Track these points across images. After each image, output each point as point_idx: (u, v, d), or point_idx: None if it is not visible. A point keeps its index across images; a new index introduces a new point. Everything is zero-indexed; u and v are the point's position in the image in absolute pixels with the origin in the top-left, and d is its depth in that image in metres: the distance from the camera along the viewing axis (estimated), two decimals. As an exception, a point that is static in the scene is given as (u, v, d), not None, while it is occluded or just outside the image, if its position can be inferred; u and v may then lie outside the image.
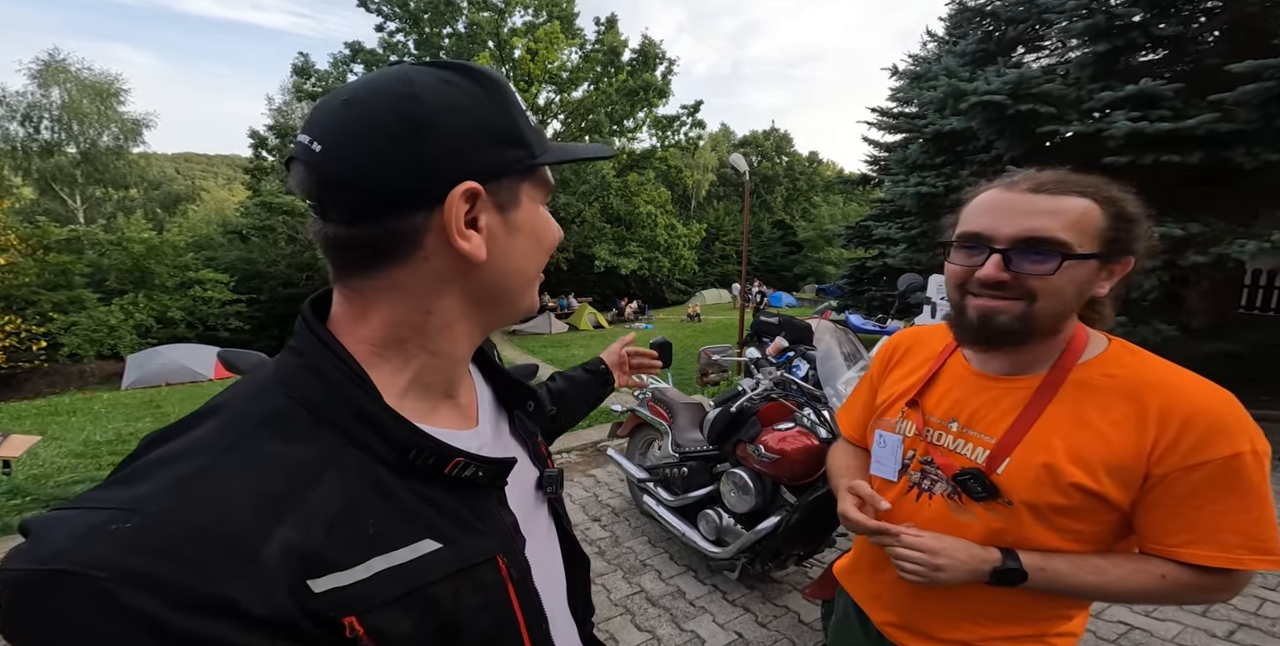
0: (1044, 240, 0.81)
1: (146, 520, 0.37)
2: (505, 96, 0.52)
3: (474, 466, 0.53)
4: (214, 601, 0.36)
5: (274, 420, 0.46)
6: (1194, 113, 4.64)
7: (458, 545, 0.50)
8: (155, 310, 19.28)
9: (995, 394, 0.93)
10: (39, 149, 25.14)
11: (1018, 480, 0.86)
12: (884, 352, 1.18)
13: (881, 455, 1.06)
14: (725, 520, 2.93)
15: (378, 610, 0.44)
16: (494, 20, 23.62)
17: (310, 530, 0.42)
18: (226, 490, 0.40)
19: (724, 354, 3.13)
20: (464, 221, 0.49)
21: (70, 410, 9.51)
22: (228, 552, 0.38)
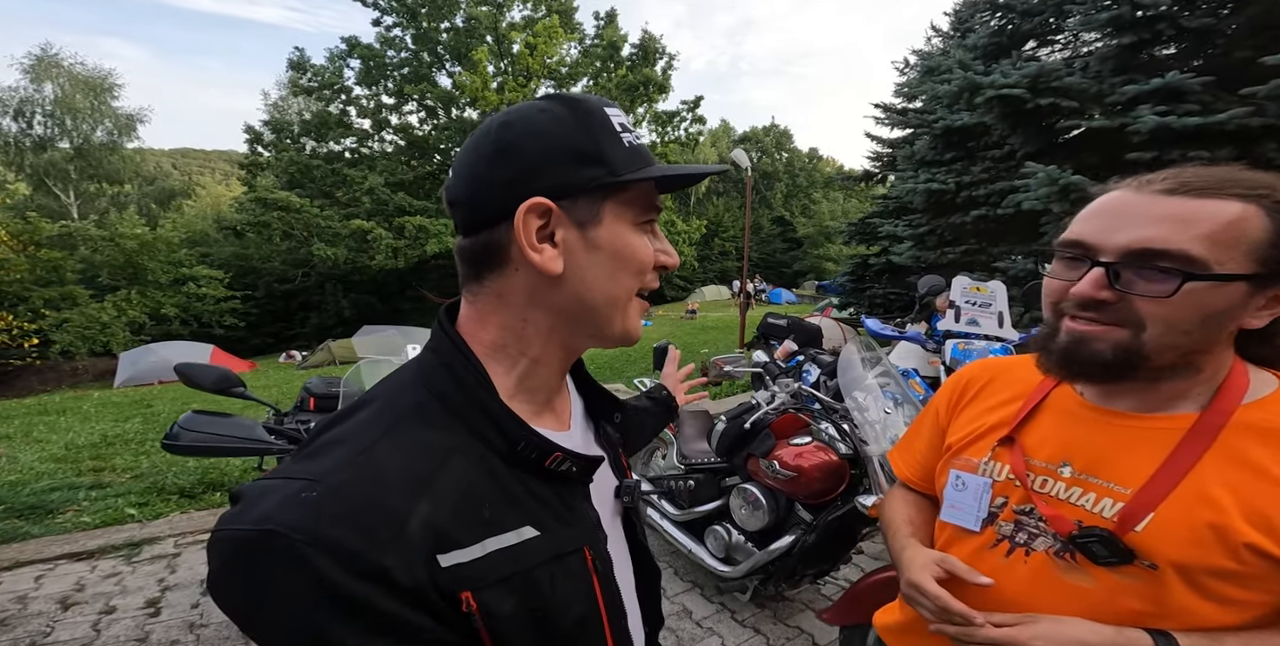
0: (1163, 253, 0.64)
1: (327, 491, 0.45)
2: (592, 120, 0.55)
3: (569, 462, 0.58)
4: (374, 569, 0.43)
5: (419, 409, 0.54)
6: (1223, 107, 4.45)
7: (553, 533, 0.55)
8: (148, 307, 19.14)
9: (1127, 435, 0.76)
10: (32, 144, 25.06)
11: (1167, 539, 0.69)
12: (954, 387, 1.01)
13: (959, 499, 0.88)
14: (735, 537, 2.77)
15: (488, 588, 0.49)
16: (492, 14, 23.52)
17: (442, 510, 0.48)
18: (385, 467, 0.48)
19: (735, 364, 2.95)
20: (535, 235, 0.53)
21: (59, 410, 9.35)
22: (387, 524, 0.45)
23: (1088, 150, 5.51)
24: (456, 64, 24.22)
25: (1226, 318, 0.67)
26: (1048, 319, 0.77)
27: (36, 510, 3.87)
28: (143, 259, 19.57)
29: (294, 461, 0.49)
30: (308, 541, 0.42)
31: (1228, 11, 5.00)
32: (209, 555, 0.45)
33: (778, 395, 2.73)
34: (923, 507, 1.01)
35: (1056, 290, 0.74)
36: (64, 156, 25.50)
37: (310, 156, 24.17)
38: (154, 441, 5.96)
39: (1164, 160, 4.63)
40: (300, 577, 0.41)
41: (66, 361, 17.27)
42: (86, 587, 3.03)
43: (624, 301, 0.59)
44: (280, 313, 26.38)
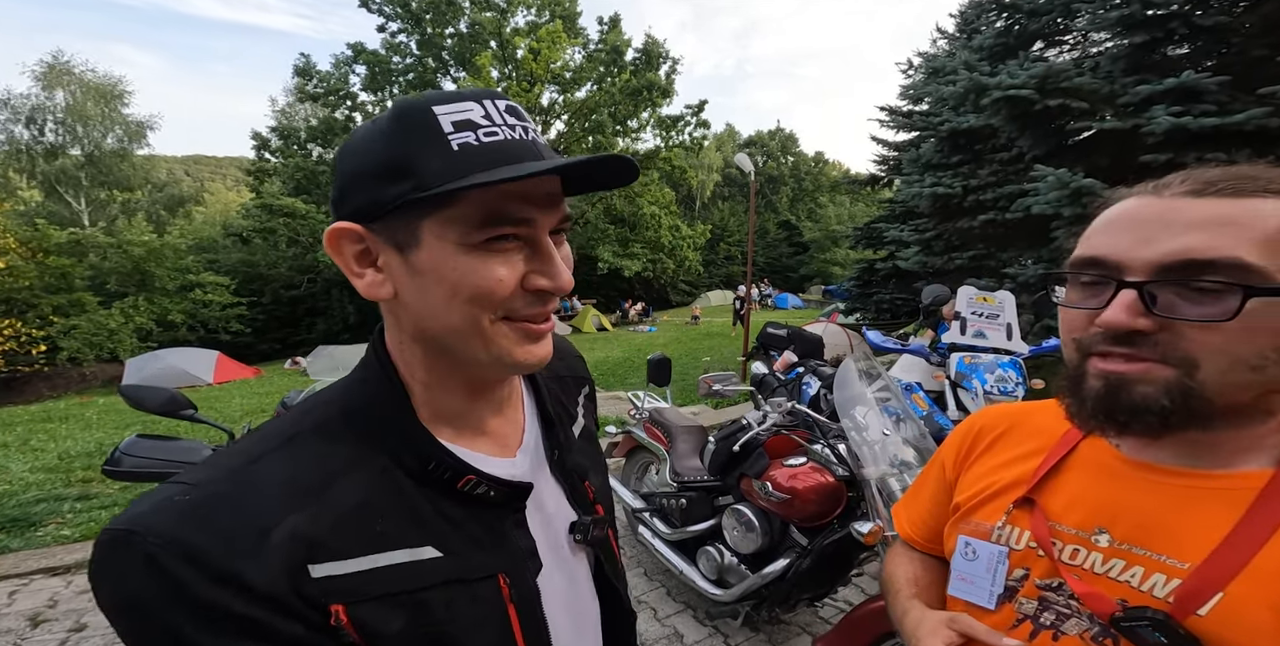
0: (1210, 264, 0.51)
1: (198, 496, 0.46)
2: (409, 124, 0.48)
3: (485, 485, 0.56)
4: (227, 574, 0.43)
5: (323, 424, 0.53)
6: (1241, 107, 4.30)
7: (460, 557, 0.53)
8: (155, 313, 19.26)
9: (1181, 496, 0.62)
10: (43, 151, 25.31)
11: (1242, 626, 0.55)
12: (963, 436, 0.86)
13: (969, 571, 0.74)
14: (728, 559, 2.66)
15: (365, 603, 0.48)
16: (496, 20, 23.63)
17: (320, 520, 0.47)
18: (263, 478, 0.48)
19: (725, 383, 2.83)
20: (353, 261, 0.51)
21: (63, 416, 9.38)
22: (246, 532, 0.45)
23: (1099, 152, 5.35)
24: (461, 69, 24.42)
25: None
26: (1070, 358, 0.63)
27: (19, 522, 3.82)
28: (150, 265, 19.73)
29: (195, 468, 0.49)
30: (161, 543, 0.42)
31: (1242, 9, 4.84)
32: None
33: (769, 415, 2.61)
34: (930, 567, 0.88)
35: (1077, 322, 0.61)
36: (75, 163, 25.74)
37: (316, 162, 24.36)
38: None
39: (1179, 162, 4.47)
40: (153, 579, 0.42)
41: (74, 367, 17.40)
42: (59, 604, 2.97)
43: (472, 331, 0.51)
44: (286, 318, 26.51)
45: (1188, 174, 0.57)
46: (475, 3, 23.88)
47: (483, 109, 0.49)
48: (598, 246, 24.71)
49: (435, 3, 23.27)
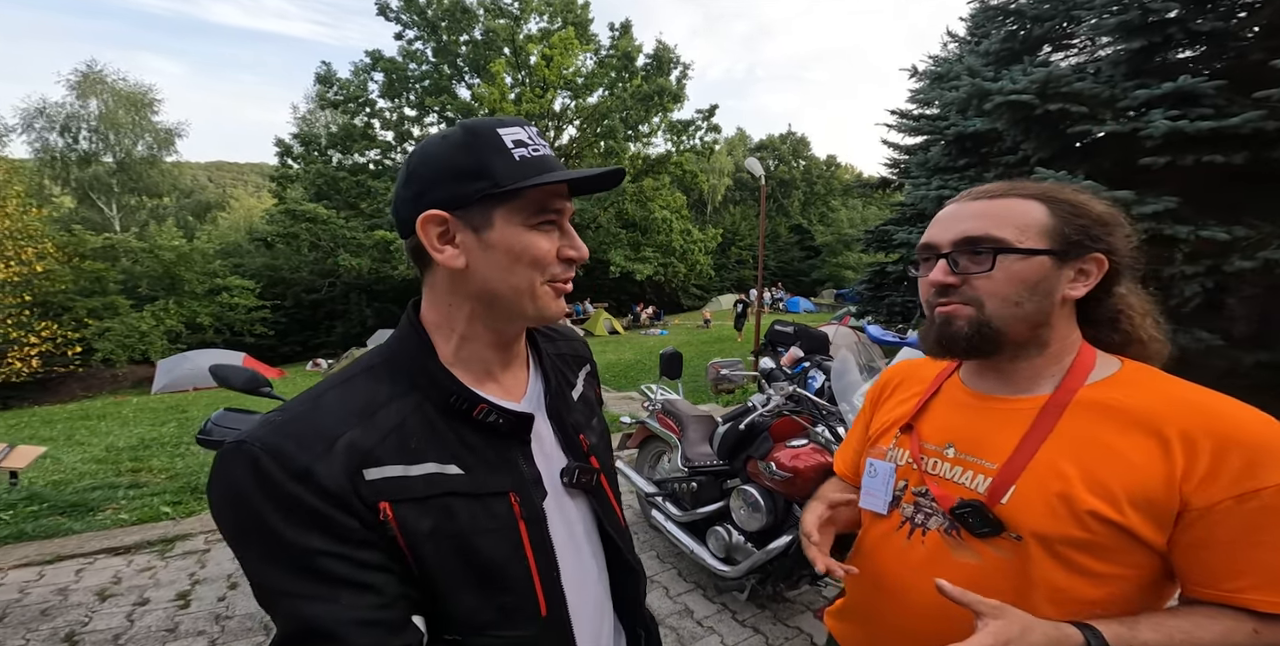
0: (978, 239, 0.80)
1: (287, 417, 0.62)
2: (480, 140, 0.66)
3: (496, 414, 0.70)
4: (302, 470, 0.57)
5: (370, 368, 0.70)
6: (1238, 110, 4.40)
7: (475, 475, 0.67)
8: (184, 316, 19.76)
9: (995, 416, 0.86)
10: (77, 159, 25.87)
11: (1026, 510, 0.77)
12: (877, 386, 1.13)
13: (872, 485, 0.96)
14: (735, 538, 2.82)
15: (405, 503, 0.61)
16: (509, 27, 23.84)
17: (370, 435, 0.62)
18: (330, 405, 0.64)
19: (733, 368, 3.02)
20: (436, 239, 0.67)
21: (100, 415, 9.74)
22: (318, 439, 0.60)
23: (1102, 155, 5.45)
24: (475, 76, 24.61)
25: (1045, 286, 0.79)
26: (926, 313, 0.89)
27: (78, 507, 4.09)
28: (180, 270, 20.24)
29: (283, 404, 0.67)
30: (261, 447, 0.57)
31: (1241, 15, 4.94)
32: None
33: (772, 398, 2.80)
34: (845, 490, 1.09)
35: (924, 287, 0.88)
36: (107, 170, 26.34)
37: (336, 168, 24.73)
38: (189, 444, 6.21)
39: (1178, 165, 4.57)
40: (250, 472, 0.57)
41: (107, 368, 17.93)
42: (123, 580, 3.21)
43: (528, 289, 0.69)
44: (308, 321, 27.01)
45: (978, 188, 0.87)
46: (489, 10, 24.13)
47: (525, 132, 0.68)
48: (610, 250, 24.77)
49: (450, 10, 23.53)
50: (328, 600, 0.56)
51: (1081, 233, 0.80)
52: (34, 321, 16.14)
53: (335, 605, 0.56)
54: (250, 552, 0.58)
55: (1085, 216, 0.81)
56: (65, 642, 2.77)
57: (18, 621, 2.96)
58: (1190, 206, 4.72)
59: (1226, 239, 4.55)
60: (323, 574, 0.57)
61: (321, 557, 0.57)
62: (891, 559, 0.89)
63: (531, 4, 24.66)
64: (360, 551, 0.58)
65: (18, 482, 4.24)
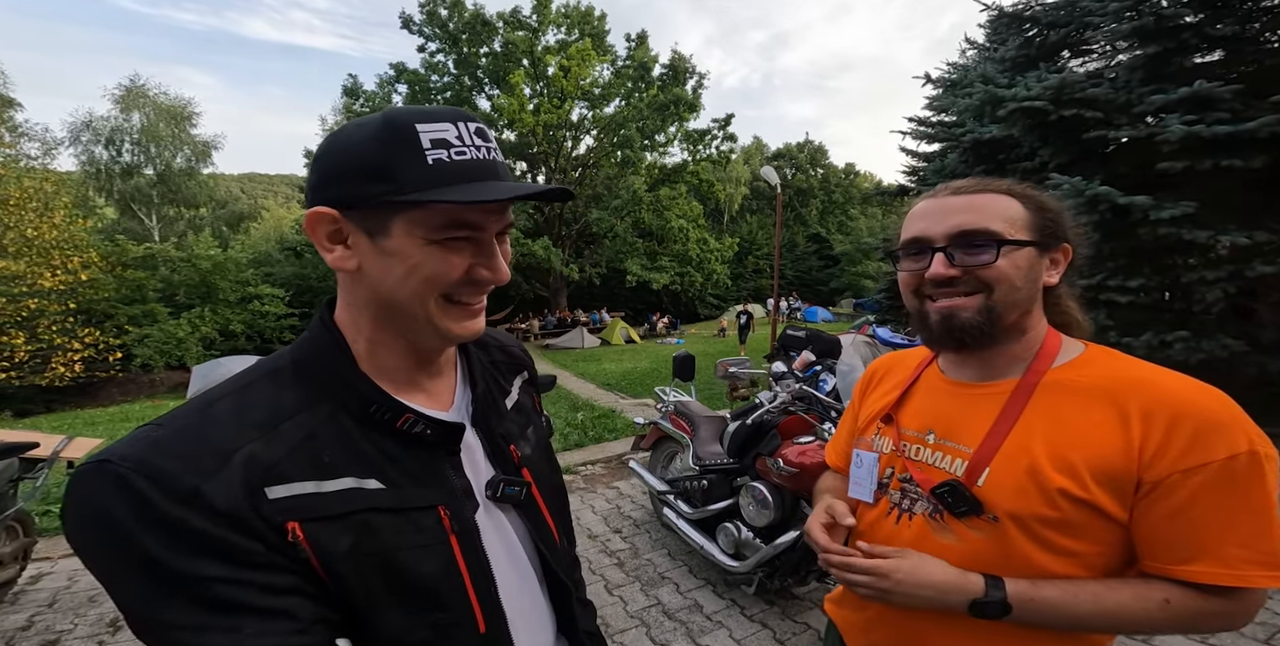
0: (976, 232, 0.83)
1: (165, 430, 0.54)
2: (395, 136, 0.58)
3: (422, 424, 0.64)
4: (188, 491, 0.50)
5: (274, 374, 0.62)
6: (1255, 115, 4.37)
7: (399, 489, 0.61)
8: (219, 323, 20.27)
9: (969, 401, 0.90)
10: (120, 171, 26.69)
11: (1000, 491, 0.80)
12: (863, 379, 1.16)
13: (858, 475, 1.01)
14: (744, 534, 2.89)
15: (317, 521, 0.55)
16: (528, 39, 24.11)
17: (274, 449, 0.56)
18: (224, 416, 0.56)
19: (741, 367, 3.10)
20: (325, 238, 0.61)
21: (140, 417, 10.12)
22: (208, 455, 0.52)
23: (1120, 161, 5.42)
24: (495, 87, 24.94)
25: (1034, 275, 0.84)
26: (911, 305, 0.93)
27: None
28: (215, 278, 20.79)
29: (162, 416, 0.58)
30: (131, 467, 0.49)
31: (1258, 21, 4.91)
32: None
33: (779, 395, 2.88)
34: (844, 480, 1.13)
35: (911, 281, 0.90)
36: (148, 182, 27.12)
37: (363, 179, 25.32)
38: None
39: (1196, 170, 4.54)
40: (121, 496, 0.49)
41: (145, 374, 18.45)
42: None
43: (418, 305, 0.62)
44: (335, 329, 27.48)
45: (944, 185, 0.91)
46: (508, 23, 24.48)
47: (456, 130, 0.59)
48: (626, 259, 24.75)
49: (471, 23, 23.89)
50: (227, 630, 0.49)
51: (1050, 224, 0.85)
52: (78, 328, 16.76)
53: (237, 635, 0.49)
54: (128, 588, 0.49)
55: (1047, 209, 0.86)
56: (110, 627, 2.94)
57: (66, 607, 3.14)
58: (1209, 211, 4.67)
59: (1248, 243, 4.50)
60: (220, 603, 0.49)
61: (218, 585, 0.49)
62: (882, 543, 0.90)
63: (549, 16, 25.00)
64: (264, 575, 0.52)
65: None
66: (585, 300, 28.98)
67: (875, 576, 0.83)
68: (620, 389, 10.24)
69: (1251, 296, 5.24)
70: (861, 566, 0.85)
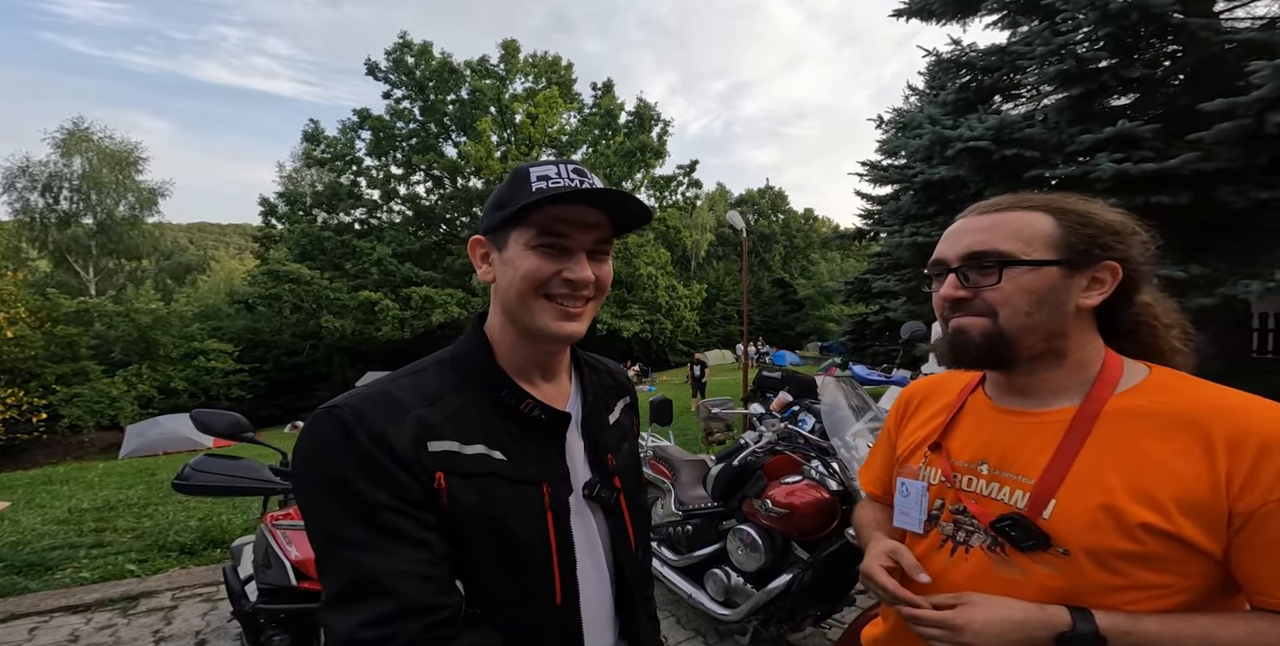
0: (984, 252, 0.82)
1: (371, 390, 0.74)
2: (514, 180, 0.79)
3: (539, 410, 0.80)
4: (379, 433, 0.68)
5: (439, 363, 0.82)
6: (1175, 153, 4.72)
7: (516, 462, 0.76)
8: (158, 381, 19.35)
9: (1025, 430, 0.85)
10: (57, 220, 25.17)
11: (1070, 523, 0.75)
12: (899, 404, 1.12)
13: (905, 505, 0.96)
14: (734, 579, 2.75)
15: (457, 476, 0.71)
16: (495, 87, 24.68)
17: (435, 415, 0.73)
18: (405, 386, 0.76)
19: (724, 407, 3.06)
20: (479, 259, 0.83)
21: (64, 479, 9.34)
22: (395, 410, 0.71)
23: (1060, 199, 5.76)
24: (462, 134, 25.27)
25: (1057, 297, 0.80)
26: (941, 327, 0.90)
27: (36, 567, 3.87)
28: (156, 333, 19.92)
29: (366, 384, 0.78)
30: (349, 411, 0.69)
31: (1167, 63, 5.37)
32: None
33: (764, 434, 2.82)
34: (887, 511, 1.07)
35: (937, 303, 0.89)
36: (86, 232, 25.68)
37: (321, 228, 24.77)
38: (157, 505, 5.92)
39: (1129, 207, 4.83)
40: (336, 429, 0.68)
41: (73, 435, 17.29)
42: (80, 639, 3.01)
43: (521, 301, 0.78)
44: (288, 384, 26.37)
45: (987, 201, 0.89)
46: (476, 71, 25.05)
47: (557, 170, 0.78)
48: (596, 308, 25.03)
49: (439, 71, 24.35)
50: (384, 552, 0.64)
51: (1089, 242, 0.79)
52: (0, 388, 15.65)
53: (391, 557, 0.64)
54: (323, 502, 0.67)
55: (1092, 225, 0.80)
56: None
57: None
58: (1146, 246, 4.96)
59: (1184, 277, 4.76)
60: (384, 527, 0.65)
61: (385, 512, 0.65)
62: (934, 577, 0.87)
63: (517, 65, 25.73)
64: (419, 511, 0.67)
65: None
66: (556, 349, 28.65)
67: (950, 630, 0.77)
68: None
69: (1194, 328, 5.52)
70: (931, 619, 0.79)
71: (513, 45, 25.61)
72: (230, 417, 2.09)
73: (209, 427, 2.05)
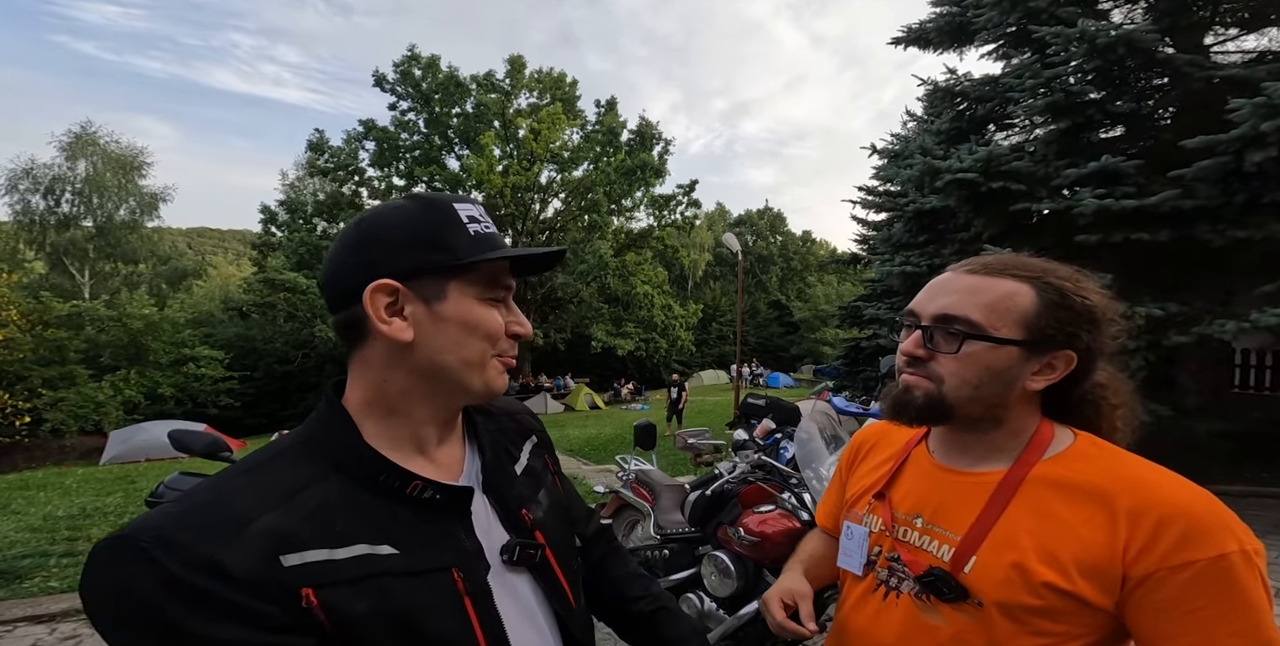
0: (953, 318, 0.81)
1: (186, 506, 0.57)
2: (438, 213, 0.68)
3: (431, 489, 0.67)
4: (205, 560, 0.52)
5: (285, 452, 0.66)
6: (1157, 189, 4.79)
7: (413, 554, 0.64)
8: (145, 386, 19.07)
9: (958, 488, 0.90)
10: (56, 222, 25.05)
11: (986, 580, 0.81)
12: (851, 448, 1.16)
13: (849, 547, 1.01)
14: (707, 604, 2.78)
15: (334, 587, 0.57)
16: (500, 101, 24.90)
17: (289, 519, 0.58)
18: (241, 489, 0.60)
19: (699, 438, 3.12)
20: (384, 310, 0.65)
21: (41, 485, 9.18)
22: (225, 526, 0.55)
23: (1044, 232, 5.84)
24: (465, 147, 25.40)
25: (1008, 376, 0.82)
26: (895, 376, 0.92)
27: (4, 575, 3.83)
28: (146, 339, 19.66)
29: (179, 495, 0.62)
30: (150, 540, 0.52)
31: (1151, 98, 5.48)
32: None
33: (738, 465, 2.89)
34: (830, 545, 1.12)
35: (899, 351, 0.90)
36: (85, 235, 25.53)
37: (320, 237, 24.75)
38: (134, 514, 5.85)
39: (1110, 242, 4.92)
40: (142, 569, 0.51)
41: (55, 439, 17.01)
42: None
43: (479, 362, 0.70)
44: (278, 393, 26.09)
45: (980, 258, 0.88)
46: (481, 85, 25.30)
47: (476, 210, 0.71)
48: (591, 325, 24.74)
49: (444, 84, 24.57)
50: None
51: (1059, 327, 0.80)
52: (-17, 391, 15.48)
53: None
54: None
55: (1069, 309, 0.81)
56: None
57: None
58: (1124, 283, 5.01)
59: (1162, 315, 4.79)
60: None
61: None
62: (868, 619, 0.93)
63: (523, 80, 25.97)
64: (281, 637, 0.54)
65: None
66: (550, 365, 28.58)
67: None
68: (583, 455, 10.08)
69: (1172, 364, 5.56)
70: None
71: (519, 60, 25.98)
72: (208, 438, 2.11)
73: (187, 448, 2.07)
